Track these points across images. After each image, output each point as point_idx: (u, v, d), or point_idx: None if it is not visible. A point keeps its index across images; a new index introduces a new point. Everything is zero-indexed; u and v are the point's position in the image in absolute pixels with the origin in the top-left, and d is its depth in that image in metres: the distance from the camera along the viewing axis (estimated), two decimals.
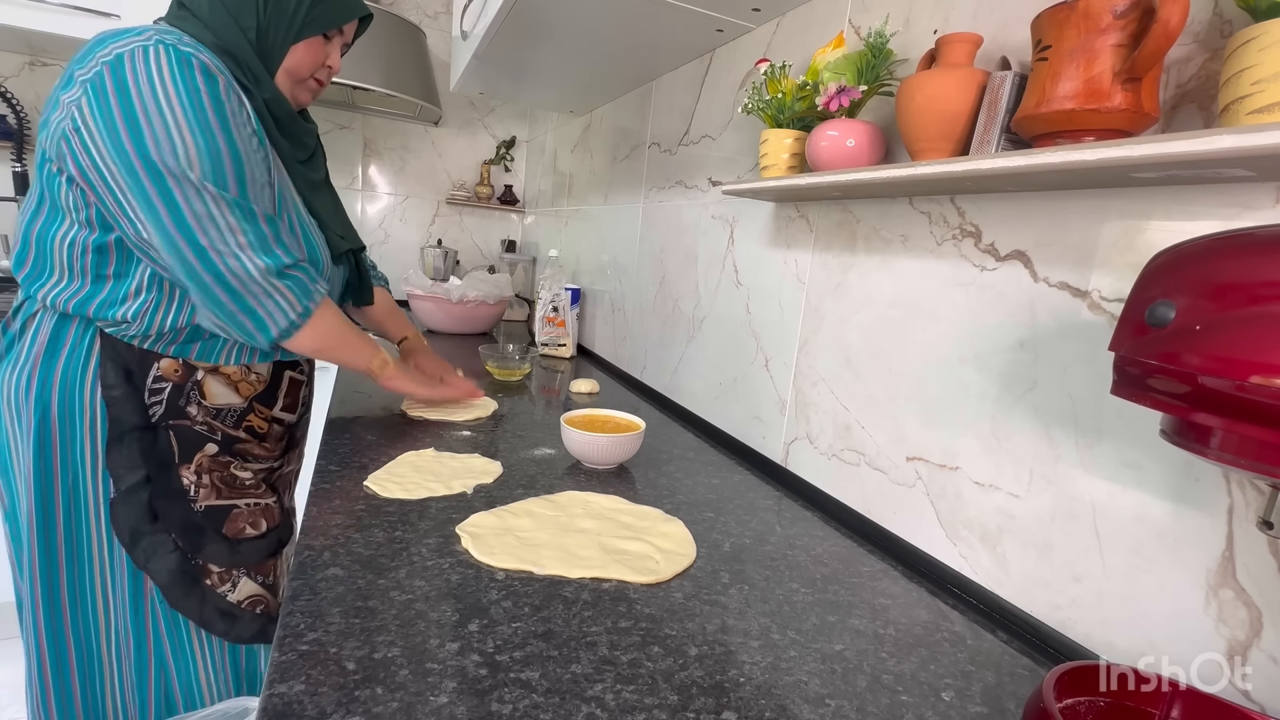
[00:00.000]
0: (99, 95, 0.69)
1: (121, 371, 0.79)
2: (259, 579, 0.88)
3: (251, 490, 0.89)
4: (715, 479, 0.94)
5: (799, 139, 0.86)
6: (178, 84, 0.70)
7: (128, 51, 0.70)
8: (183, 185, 0.71)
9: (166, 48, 0.71)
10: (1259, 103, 0.41)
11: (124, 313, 0.77)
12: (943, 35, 0.65)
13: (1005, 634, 0.62)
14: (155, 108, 0.69)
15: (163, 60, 0.70)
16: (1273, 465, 0.35)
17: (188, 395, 0.82)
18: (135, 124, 0.69)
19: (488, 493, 0.80)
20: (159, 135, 0.69)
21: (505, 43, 1.34)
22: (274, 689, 0.43)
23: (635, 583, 0.63)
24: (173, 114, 0.70)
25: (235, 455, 0.88)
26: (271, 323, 0.78)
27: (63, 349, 0.78)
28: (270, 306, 0.77)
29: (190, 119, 0.71)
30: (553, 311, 1.74)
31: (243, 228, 0.74)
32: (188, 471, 0.83)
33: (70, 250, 0.75)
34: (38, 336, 0.78)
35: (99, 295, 0.76)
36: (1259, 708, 0.46)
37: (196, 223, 0.72)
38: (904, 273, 0.78)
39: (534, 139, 2.57)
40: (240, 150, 0.75)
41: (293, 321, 0.79)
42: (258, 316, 0.77)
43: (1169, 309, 0.38)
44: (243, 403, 0.87)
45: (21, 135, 1.76)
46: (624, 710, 0.45)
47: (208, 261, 0.73)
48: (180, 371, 0.82)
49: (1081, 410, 0.58)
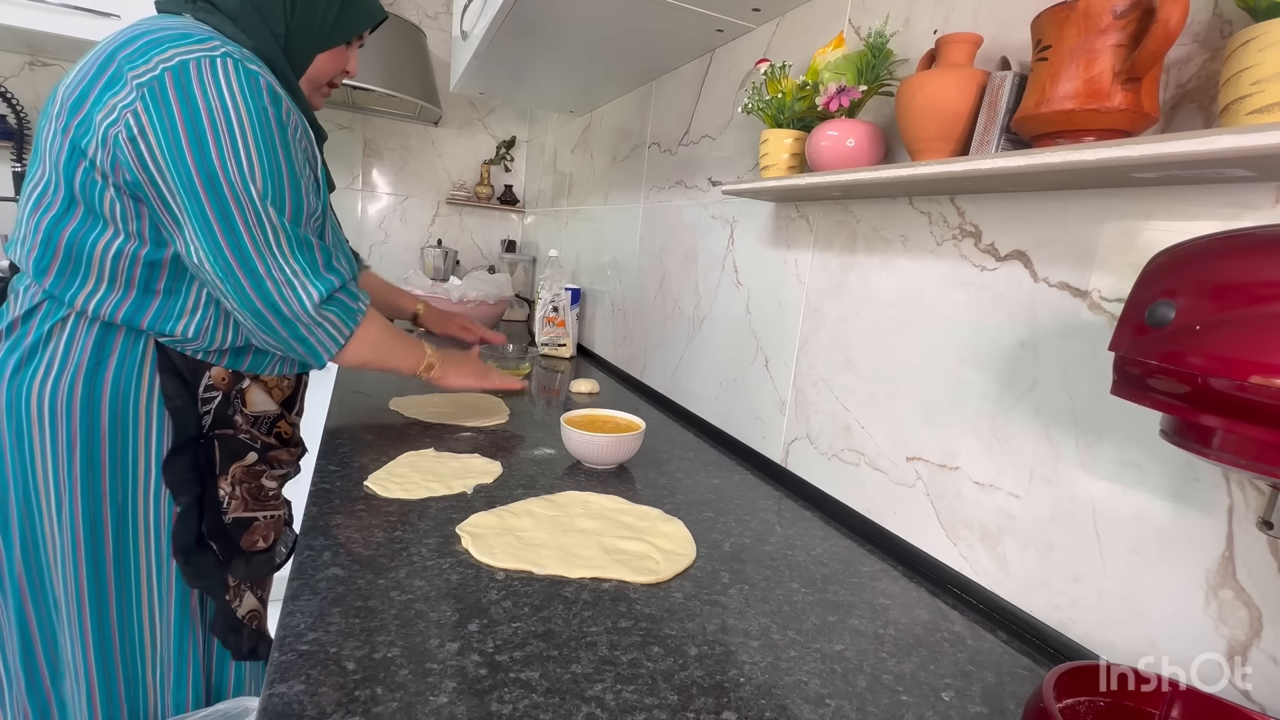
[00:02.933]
0: (160, 103, 0.65)
1: (179, 381, 0.76)
2: (258, 593, 0.87)
3: (272, 501, 0.88)
4: (715, 479, 0.94)
5: (799, 139, 0.86)
6: (246, 101, 0.68)
7: (193, 60, 0.66)
8: (243, 208, 0.68)
9: (235, 63, 0.68)
10: (1259, 103, 0.41)
11: (183, 329, 0.75)
12: (943, 35, 0.65)
13: (1005, 634, 0.62)
14: (225, 123, 0.67)
15: (230, 74, 0.67)
16: (1273, 465, 0.35)
17: (233, 404, 0.81)
18: (200, 138, 0.66)
19: (488, 493, 0.80)
20: (225, 153, 0.67)
21: (505, 43, 1.34)
22: (274, 689, 0.43)
23: (635, 583, 0.63)
24: (241, 132, 0.67)
25: (269, 464, 0.87)
26: (323, 349, 0.78)
27: (110, 358, 0.73)
28: (320, 335, 0.77)
29: (259, 139, 0.68)
30: (553, 311, 1.74)
31: (297, 256, 0.73)
32: (224, 483, 0.81)
33: (116, 260, 0.71)
34: (73, 344, 0.72)
35: (151, 308, 0.73)
36: (1259, 708, 0.46)
37: (255, 249, 0.70)
38: (904, 273, 0.78)
39: (534, 139, 2.57)
40: (298, 175, 0.74)
41: (339, 344, 0.79)
42: (309, 345, 0.77)
43: (1169, 309, 0.38)
44: (276, 409, 0.87)
45: (21, 135, 1.76)
46: (624, 710, 0.45)
47: (263, 290, 0.71)
48: (228, 380, 0.80)
49: (1081, 410, 0.58)
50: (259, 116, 0.69)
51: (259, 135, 0.69)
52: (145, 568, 0.77)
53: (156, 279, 0.73)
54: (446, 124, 2.48)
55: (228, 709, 0.84)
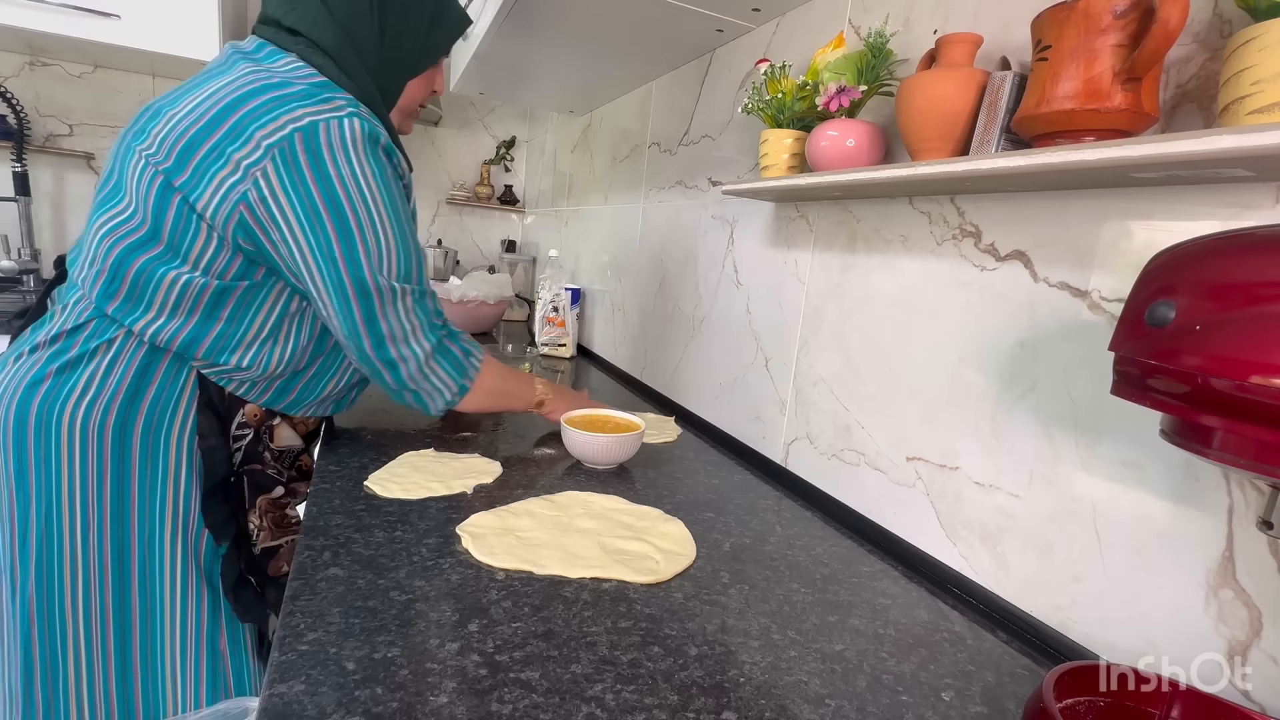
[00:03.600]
0: (293, 170, 0.66)
1: (216, 421, 0.77)
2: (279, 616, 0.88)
3: (293, 527, 0.88)
4: (715, 479, 0.94)
5: (799, 139, 0.86)
6: (374, 170, 0.70)
7: (322, 122, 0.67)
8: (382, 292, 0.73)
9: (361, 123, 0.69)
10: (1259, 103, 0.41)
11: (238, 360, 0.75)
12: (943, 35, 0.65)
13: (1005, 634, 0.62)
14: (361, 200, 0.69)
15: (359, 139, 0.69)
16: (1273, 465, 0.35)
17: (262, 440, 0.82)
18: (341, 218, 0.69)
19: (488, 493, 0.80)
20: (368, 239, 0.70)
21: (505, 43, 1.34)
22: (274, 689, 0.43)
23: (635, 583, 0.62)
24: (376, 208, 0.70)
25: (291, 495, 0.88)
26: (432, 402, 0.82)
27: (150, 387, 0.73)
28: (428, 388, 0.81)
29: (389, 212, 0.72)
30: (553, 311, 1.74)
31: (417, 313, 0.77)
32: (253, 516, 0.82)
33: (184, 290, 0.70)
34: (115, 367, 0.71)
35: (210, 335, 0.73)
36: (1259, 708, 0.46)
37: (389, 332, 0.75)
38: (904, 273, 0.78)
39: (534, 139, 2.57)
40: (415, 230, 0.78)
41: (452, 400, 0.83)
42: (420, 398, 0.81)
43: (1169, 309, 0.38)
44: (301, 444, 0.89)
45: (21, 135, 1.76)
46: (624, 710, 0.45)
47: (383, 349, 0.76)
48: (260, 416, 0.81)
49: (1081, 410, 0.58)
50: (385, 184, 0.72)
51: (387, 203, 0.72)
52: (172, 607, 0.76)
53: (222, 306, 0.73)
54: (446, 124, 2.48)
55: (228, 709, 0.84)
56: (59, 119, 1.92)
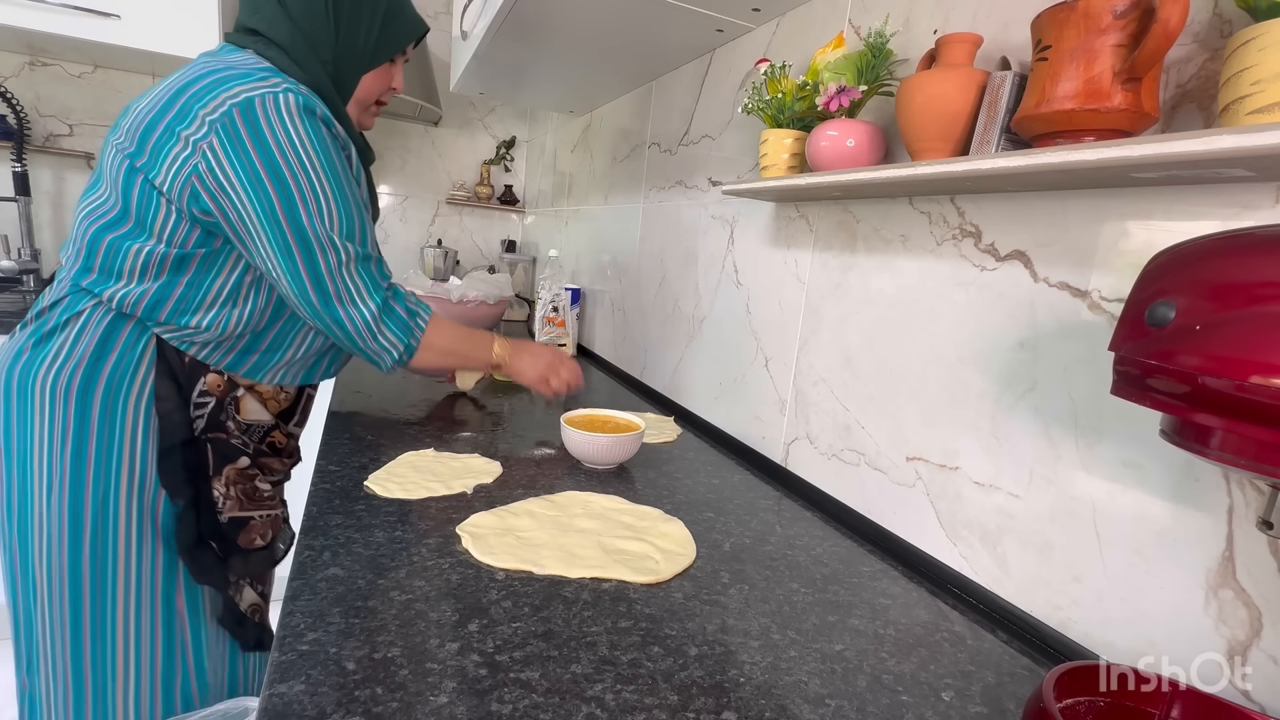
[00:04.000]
0: (233, 140, 0.71)
1: (173, 384, 0.80)
2: (258, 588, 0.90)
3: (267, 502, 0.90)
4: (715, 479, 0.94)
5: (799, 139, 0.86)
6: (310, 136, 0.74)
7: (258, 96, 0.72)
8: (324, 248, 0.76)
9: (295, 96, 0.74)
10: (1259, 103, 0.41)
11: (198, 320, 0.78)
12: (943, 35, 0.65)
13: (1005, 634, 0.62)
14: (299, 163, 0.73)
15: (292, 107, 0.73)
16: (1273, 465, 0.35)
17: (226, 410, 0.84)
18: (281, 181, 0.73)
19: (488, 493, 0.80)
20: (307, 198, 0.74)
21: (505, 43, 1.34)
22: (274, 689, 0.43)
23: (635, 583, 0.63)
24: (314, 169, 0.74)
25: (260, 469, 0.89)
26: (381, 361, 0.85)
27: (111, 354, 0.77)
28: (376, 347, 0.84)
29: (328, 173, 0.75)
30: (553, 311, 1.74)
31: (363, 276, 0.80)
32: (219, 484, 0.84)
33: (148, 260, 0.75)
34: (83, 335, 0.76)
35: (171, 299, 0.77)
36: (1259, 708, 0.46)
37: (329, 275, 0.77)
38: (904, 273, 0.78)
39: (534, 139, 2.57)
40: (359, 200, 0.81)
41: (400, 359, 0.85)
42: (369, 356, 0.84)
43: (1169, 309, 0.38)
44: (270, 420, 0.90)
45: (21, 135, 1.76)
46: (624, 710, 0.45)
47: (330, 307, 0.79)
48: (223, 387, 0.83)
49: (1081, 410, 0.58)
50: (322, 148, 0.75)
51: (328, 173, 0.76)
52: (125, 566, 0.78)
53: (184, 271, 0.77)
54: (446, 124, 2.48)
55: (227, 709, 0.84)
56: (59, 119, 1.92)
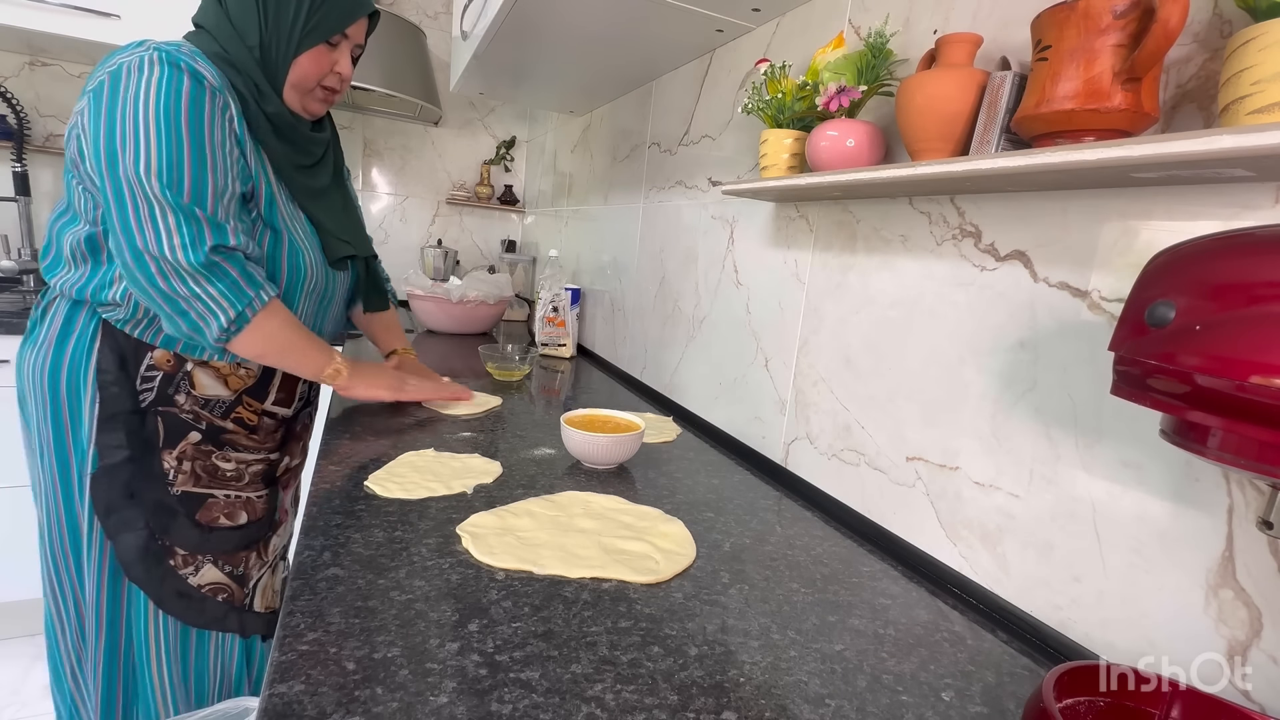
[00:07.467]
0: (95, 105, 0.74)
1: (116, 359, 0.83)
2: (226, 568, 0.90)
3: (233, 482, 0.91)
4: (715, 479, 0.94)
5: (799, 139, 0.86)
6: (161, 91, 0.74)
7: (126, 63, 0.74)
8: (134, 191, 0.73)
9: (161, 55, 0.75)
10: (1259, 103, 0.41)
11: (113, 295, 0.81)
12: (943, 35, 0.65)
13: (1005, 634, 0.62)
14: (131, 116, 0.73)
15: (155, 69, 0.74)
16: (1273, 465, 0.35)
17: (177, 385, 0.86)
18: (112, 133, 0.73)
19: (488, 493, 0.80)
20: (127, 144, 0.73)
21: (505, 43, 1.34)
22: (274, 689, 0.43)
23: (635, 583, 0.63)
24: (144, 115, 0.73)
25: (220, 445, 0.90)
26: (206, 327, 0.77)
27: (71, 335, 0.83)
28: (200, 309, 0.76)
29: (160, 118, 0.73)
30: (553, 311, 1.74)
31: (180, 229, 0.74)
32: (169, 456, 0.86)
33: (74, 243, 0.81)
34: (52, 321, 0.84)
35: (94, 279, 0.81)
36: (1259, 708, 0.46)
37: (138, 225, 0.74)
38: (904, 273, 0.78)
39: (534, 139, 2.57)
40: (205, 147, 0.76)
41: (226, 327, 0.78)
42: (190, 320, 0.77)
43: (1169, 309, 0.38)
44: (231, 395, 0.90)
45: (21, 135, 1.76)
46: (624, 710, 0.45)
47: (141, 263, 0.74)
48: (172, 362, 0.85)
49: (1081, 410, 0.58)
50: (168, 101, 0.74)
51: (162, 119, 0.73)
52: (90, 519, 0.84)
53: (98, 249, 0.81)
54: (446, 124, 2.48)
55: (228, 709, 0.84)
56: (59, 119, 1.92)
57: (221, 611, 0.89)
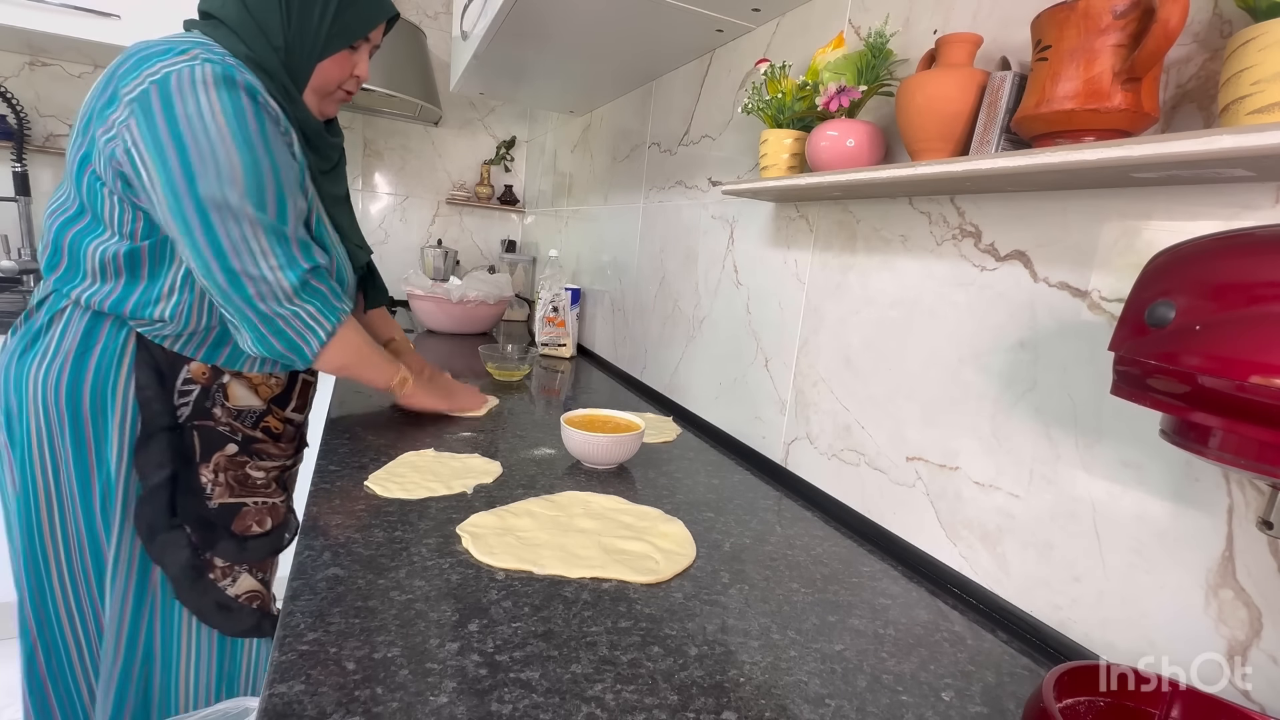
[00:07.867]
0: (147, 117, 0.69)
1: (154, 374, 0.81)
2: (258, 575, 0.90)
3: (262, 489, 0.91)
4: (715, 479, 0.94)
5: (799, 139, 0.86)
6: (224, 103, 0.71)
7: (175, 72, 0.70)
8: (222, 212, 0.71)
9: (213, 66, 0.71)
10: (1259, 103, 0.41)
11: (160, 312, 0.78)
12: (943, 35, 0.65)
13: (1005, 634, 0.62)
14: (203, 134, 0.70)
15: (209, 79, 0.70)
16: (1273, 465, 0.35)
17: (213, 397, 0.85)
18: (184, 151, 0.69)
19: (488, 493, 0.80)
20: (206, 160, 0.70)
21: (505, 43, 1.34)
22: (274, 689, 0.43)
23: (635, 583, 0.63)
24: (220, 135, 0.70)
25: (252, 455, 0.90)
26: (305, 344, 0.80)
27: (95, 347, 0.79)
28: (299, 327, 0.79)
29: (237, 139, 0.71)
30: (553, 311, 1.74)
31: (274, 250, 0.75)
32: (206, 470, 0.85)
33: (103, 257, 0.76)
34: (68, 333, 0.79)
35: (134, 296, 0.78)
36: (1259, 708, 0.46)
37: (231, 247, 0.73)
38: (904, 273, 0.78)
39: (534, 139, 2.57)
40: (280, 167, 0.75)
41: (324, 340, 0.81)
42: (287, 338, 0.79)
43: (1169, 309, 0.38)
44: (262, 405, 0.90)
45: (21, 135, 1.76)
46: (624, 710, 0.45)
47: (238, 285, 0.74)
48: (208, 374, 0.84)
49: (1081, 410, 0.58)
50: (237, 116, 0.71)
51: (238, 134, 0.71)
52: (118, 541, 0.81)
53: (139, 266, 0.77)
54: (446, 124, 2.48)
55: (228, 709, 0.84)
56: (59, 119, 1.92)
57: (256, 619, 0.89)
